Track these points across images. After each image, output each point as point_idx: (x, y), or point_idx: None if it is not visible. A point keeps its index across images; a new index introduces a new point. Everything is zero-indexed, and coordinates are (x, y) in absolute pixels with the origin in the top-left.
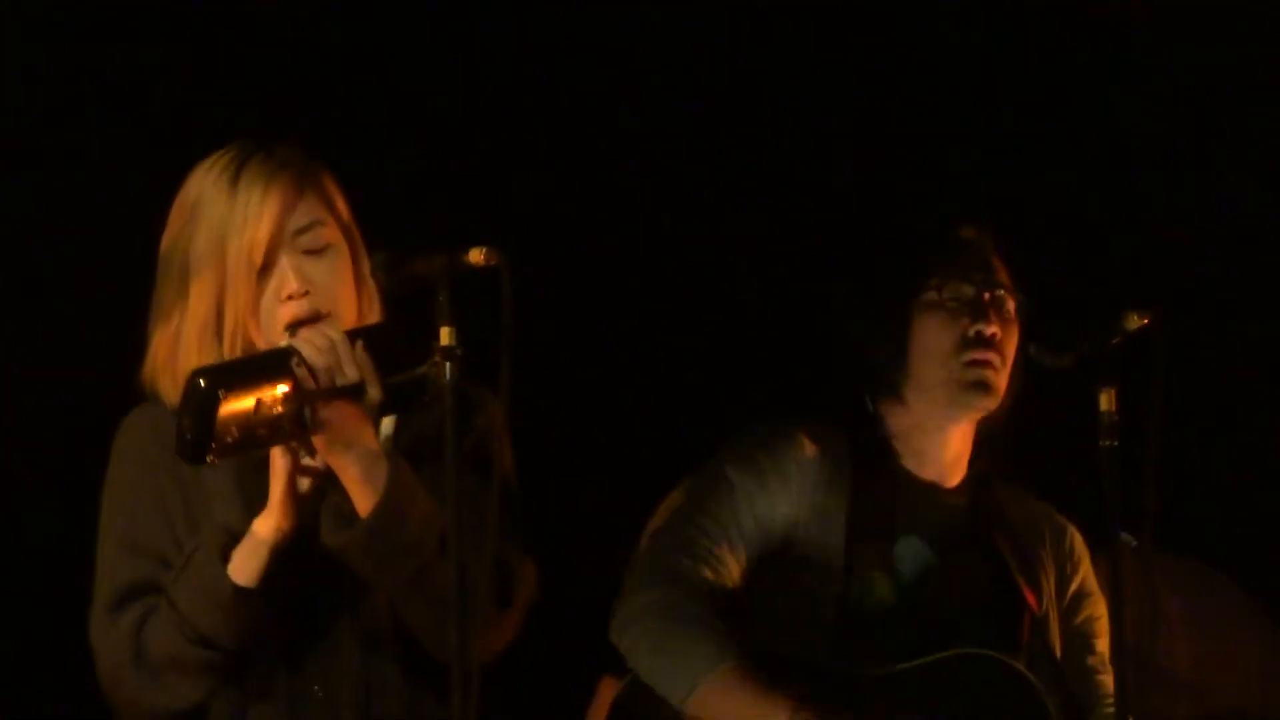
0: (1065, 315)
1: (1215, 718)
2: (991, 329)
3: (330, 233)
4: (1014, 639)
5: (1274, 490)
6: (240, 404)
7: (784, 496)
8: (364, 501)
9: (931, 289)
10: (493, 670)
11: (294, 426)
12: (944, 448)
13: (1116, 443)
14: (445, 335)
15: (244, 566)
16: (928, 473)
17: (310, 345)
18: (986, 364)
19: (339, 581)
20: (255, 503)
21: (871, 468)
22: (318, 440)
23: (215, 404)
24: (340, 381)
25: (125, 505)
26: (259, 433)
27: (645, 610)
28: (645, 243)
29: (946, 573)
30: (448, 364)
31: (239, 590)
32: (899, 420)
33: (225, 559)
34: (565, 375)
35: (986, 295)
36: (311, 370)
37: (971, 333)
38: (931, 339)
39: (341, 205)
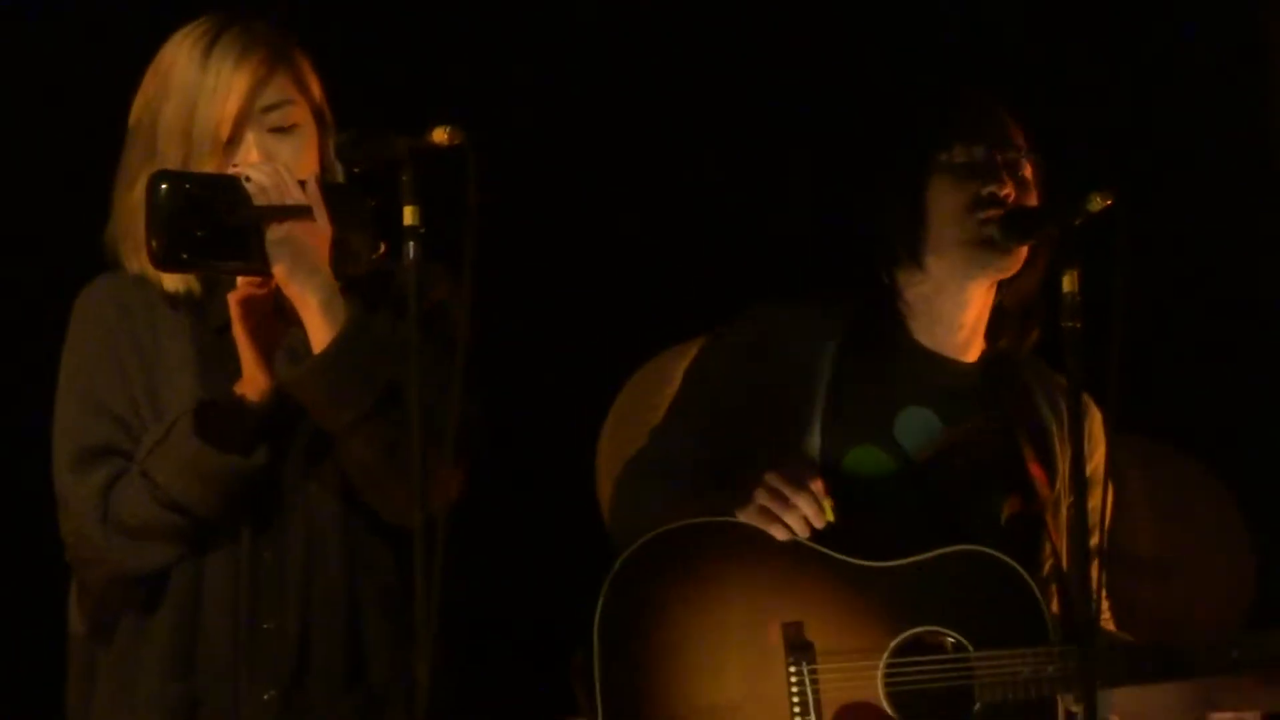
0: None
1: (1177, 597)
2: (1005, 190)
3: (299, 112)
4: (1019, 522)
5: (1239, 369)
6: (202, 207)
7: (769, 374)
8: (322, 335)
9: (943, 151)
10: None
11: (255, 242)
12: (962, 315)
13: (1080, 324)
14: (409, 214)
15: (226, 434)
16: (943, 344)
17: (257, 169)
18: (1003, 225)
19: (294, 448)
20: (215, 372)
21: (873, 340)
22: (278, 269)
23: (180, 198)
24: (289, 200)
25: (86, 367)
26: (222, 247)
27: (629, 504)
28: (626, 118)
29: (952, 448)
30: (411, 243)
31: (223, 459)
32: (917, 288)
33: (201, 431)
34: (535, 257)
35: (999, 156)
36: (261, 189)
37: (984, 193)
38: (945, 201)
39: (314, 86)
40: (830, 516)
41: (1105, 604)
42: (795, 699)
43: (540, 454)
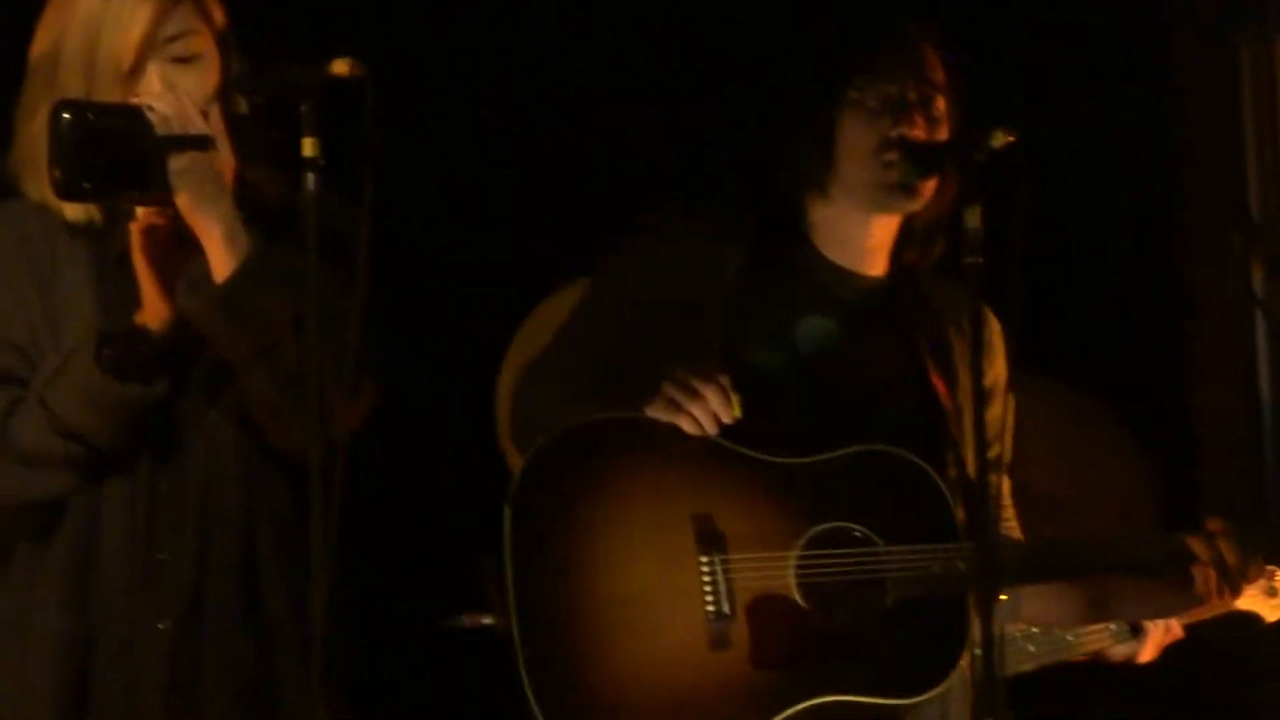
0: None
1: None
2: (915, 131)
3: (202, 42)
4: (921, 429)
5: (1134, 308)
6: (105, 136)
7: (667, 290)
8: (224, 265)
9: (855, 88)
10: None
11: (157, 171)
12: (867, 238)
13: (982, 259)
14: (308, 146)
15: (126, 364)
16: (848, 259)
17: (159, 99)
18: (908, 167)
19: (194, 379)
20: (114, 302)
21: (778, 253)
22: (181, 199)
23: (82, 128)
24: (191, 129)
25: None
26: (124, 176)
27: (525, 404)
28: (529, 44)
29: (856, 356)
30: (310, 174)
31: (122, 388)
32: (822, 211)
33: (100, 359)
34: (437, 190)
35: (912, 95)
36: (163, 119)
37: (894, 135)
38: (854, 140)
39: (218, 15)
40: (738, 412)
41: (1011, 511)
42: (707, 588)
43: (442, 387)
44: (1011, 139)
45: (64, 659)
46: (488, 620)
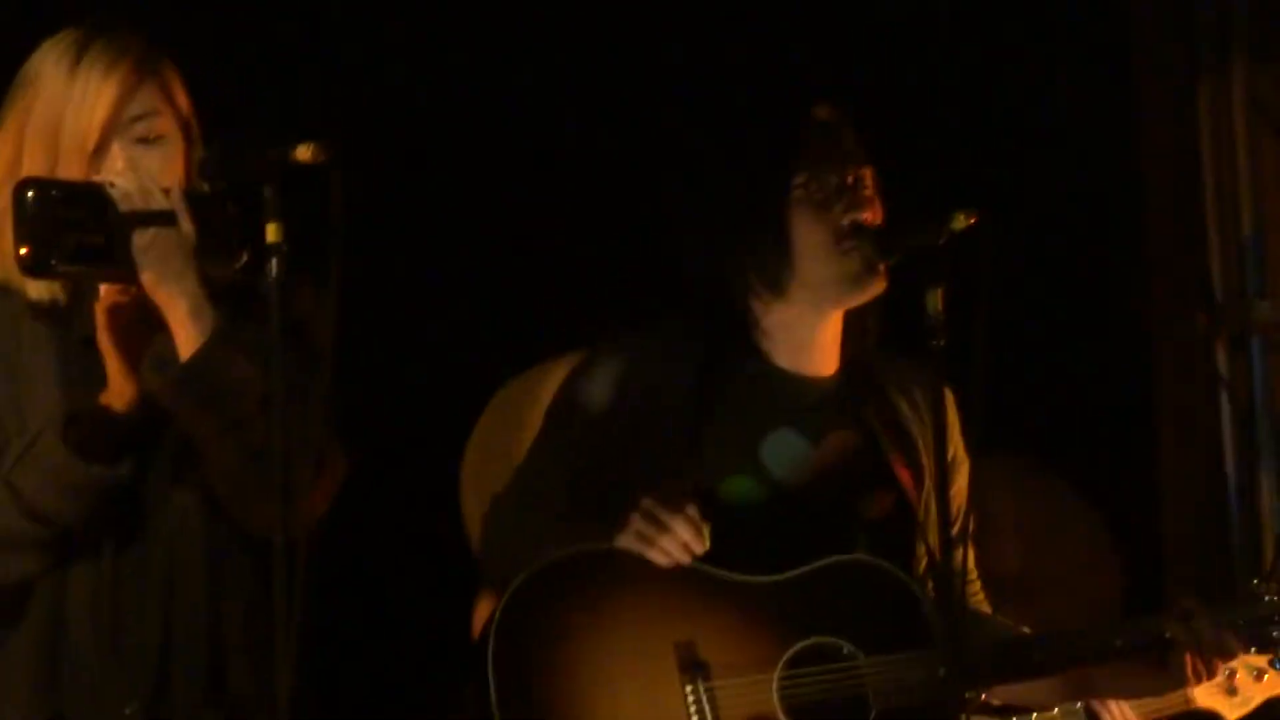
0: (892, 216)
1: (1044, 617)
2: (864, 214)
3: (165, 124)
4: (891, 527)
5: (1099, 385)
6: (69, 213)
7: (624, 421)
8: (189, 342)
9: (799, 186)
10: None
11: (121, 249)
12: (820, 336)
13: (944, 342)
14: (271, 231)
15: (92, 445)
16: (801, 365)
17: (121, 176)
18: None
19: (160, 459)
20: (80, 383)
21: (731, 366)
22: (145, 276)
23: (47, 205)
24: (153, 207)
25: None
26: (88, 254)
27: (499, 543)
28: (490, 143)
29: (821, 464)
30: (274, 259)
31: (89, 469)
32: (776, 316)
33: (66, 440)
34: (398, 275)
35: (851, 179)
36: (125, 196)
37: (845, 223)
38: (808, 235)
39: (181, 98)
40: (707, 543)
41: (978, 584)
42: (694, 717)
43: (404, 470)
44: (973, 220)
45: None
46: None
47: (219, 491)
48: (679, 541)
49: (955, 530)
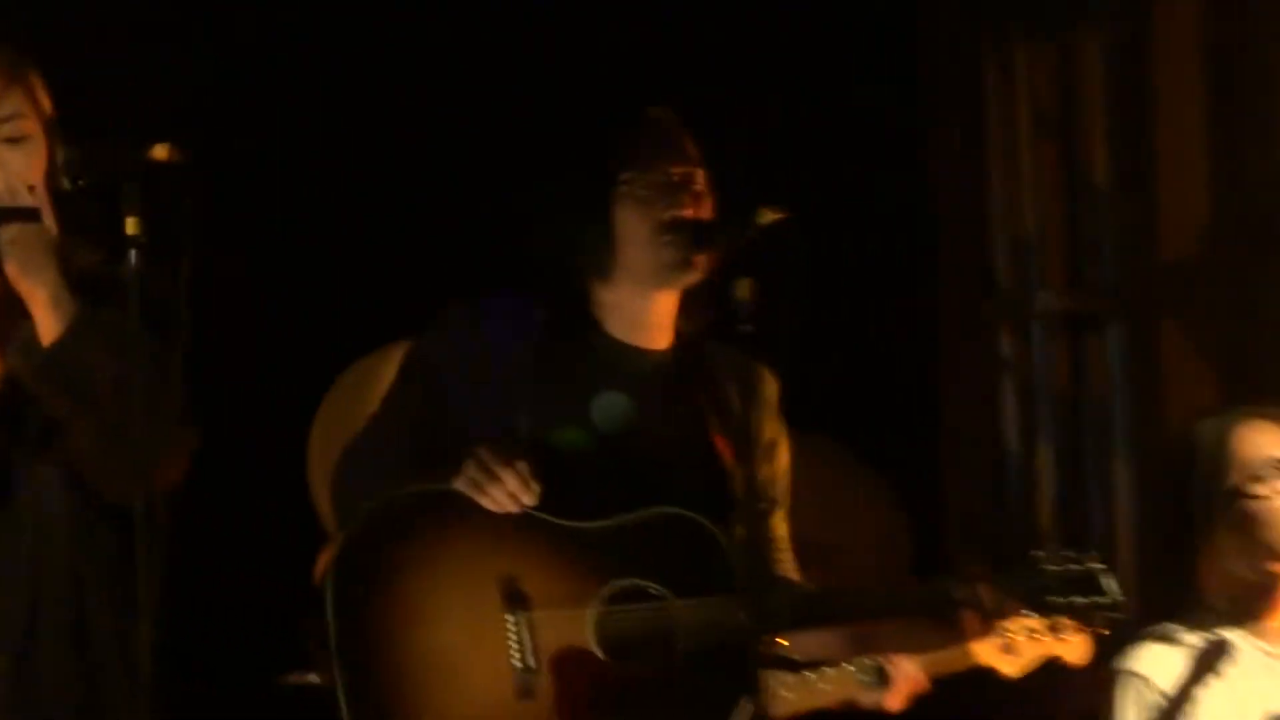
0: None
1: (841, 577)
2: (685, 211)
3: (29, 125)
4: (707, 489)
5: (892, 369)
6: None
7: (470, 377)
8: (50, 329)
9: (624, 181)
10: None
11: None
12: (650, 314)
13: (753, 328)
14: (130, 225)
15: None
16: (634, 336)
17: None
18: (686, 243)
19: (25, 435)
20: None
21: (569, 334)
22: (9, 267)
23: None
24: (18, 202)
25: None
26: None
27: (336, 474)
28: (344, 148)
29: (647, 426)
30: (132, 250)
31: None
32: (608, 294)
33: None
34: (253, 265)
35: (676, 178)
36: None
37: (666, 218)
38: (630, 226)
39: (45, 101)
40: (535, 496)
41: (790, 554)
42: (513, 644)
43: (254, 447)
44: (779, 216)
45: None
46: (313, 678)
47: (79, 465)
48: (506, 491)
49: (775, 502)
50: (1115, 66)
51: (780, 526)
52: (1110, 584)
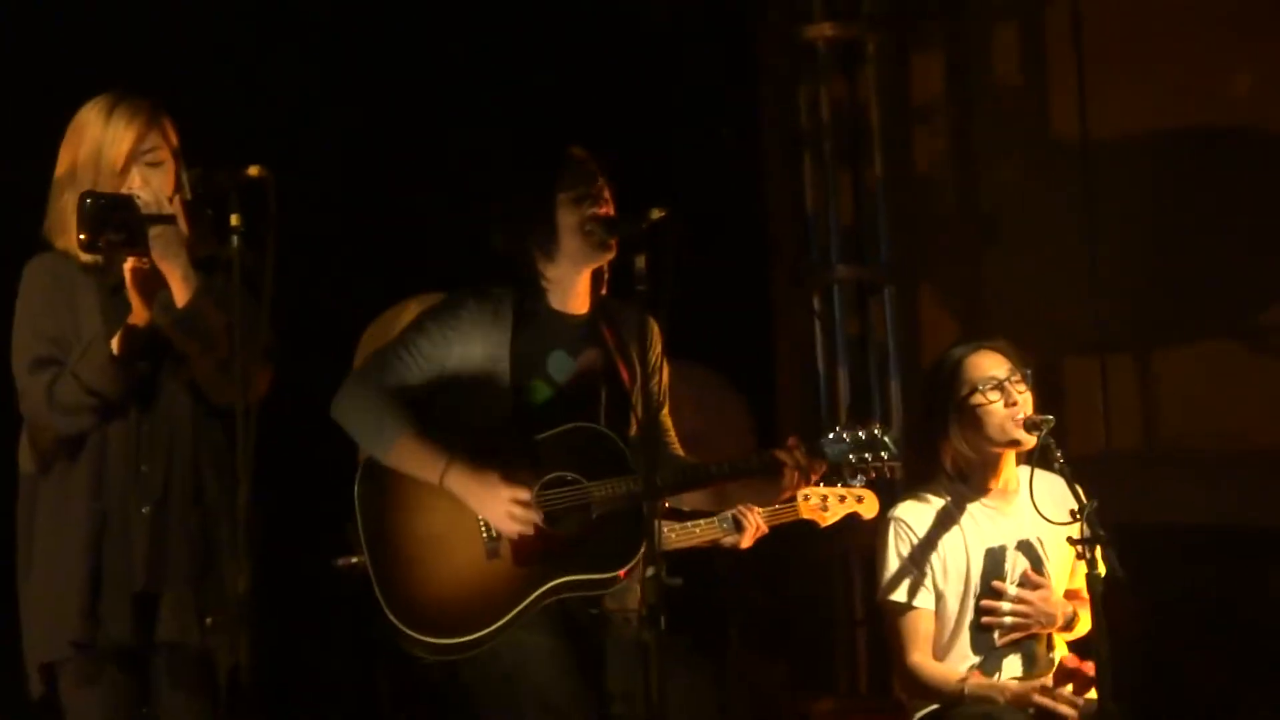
0: (617, 209)
1: (709, 457)
2: (604, 210)
3: (165, 154)
4: (615, 404)
5: (742, 318)
6: (111, 214)
7: (458, 344)
8: (182, 294)
9: (563, 191)
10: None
11: (141, 236)
12: (578, 286)
13: (644, 287)
14: (234, 219)
15: (124, 347)
16: (569, 306)
17: (144, 190)
18: (600, 232)
19: (162, 361)
20: (113, 316)
21: (529, 310)
22: (155, 253)
23: (97, 208)
24: (162, 211)
25: (33, 312)
26: (123, 239)
27: (354, 397)
28: (381, 164)
29: (579, 368)
30: (235, 238)
31: (123, 362)
32: (550, 273)
33: (107, 347)
34: (314, 252)
35: (594, 189)
36: (145, 204)
37: (589, 214)
38: (568, 222)
39: (174, 136)
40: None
41: (673, 435)
42: (482, 525)
43: (315, 370)
44: (663, 213)
45: (88, 529)
46: (355, 560)
47: (200, 383)
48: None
49: (661, 404)
50: (885, 101)
51: (667, 420)
52: (889, 441)
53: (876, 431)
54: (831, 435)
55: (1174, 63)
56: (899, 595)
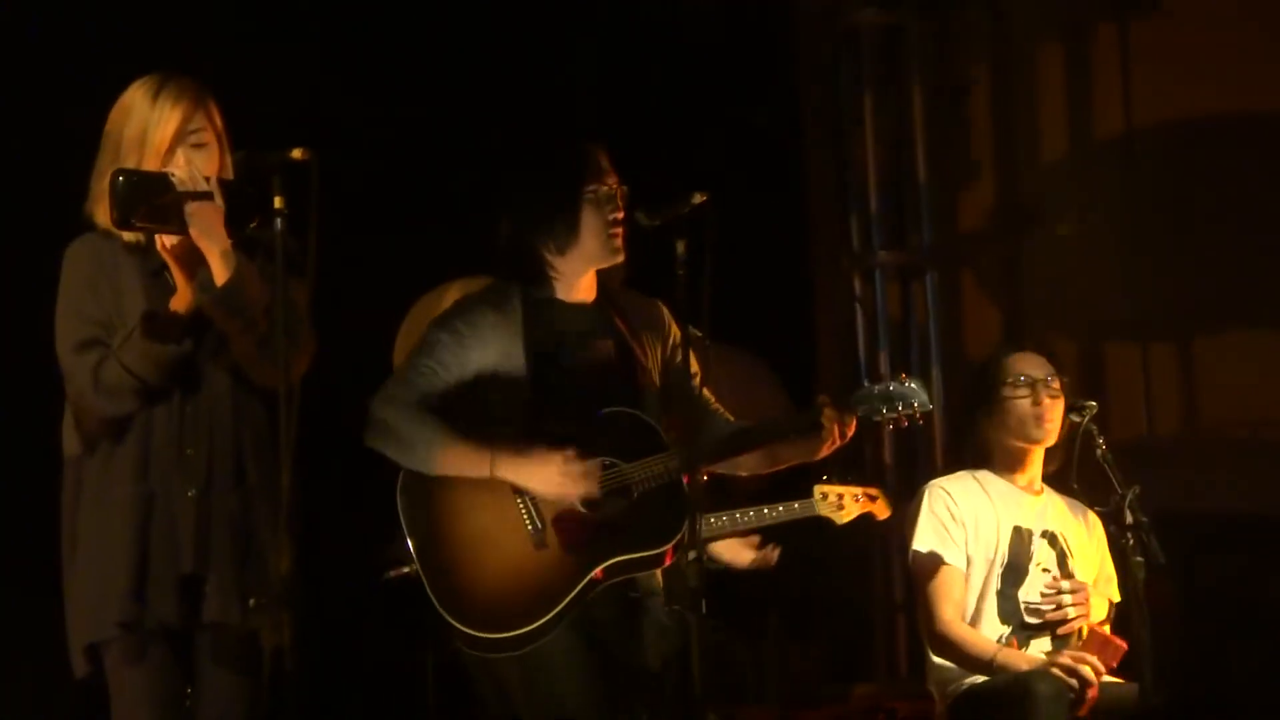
0: (658, 194)
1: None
2: (620, 214)
3: (209, 135)
4: (636, 387)
5: (786, 302)
6: (147, 192)
7: (475, 348)
8: (221, 273)
9: (588, 192)
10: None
11: (177, 213)
12: (587, 279)
13: (685, 272)
14: (278, 201)
15: (166, 332)
16: (576, 296)
17: (180, 169)
18: (620, 236)
19: (205, 342)
20: (154, 296)
21: (537, 301)
22: (193, 231)
23: (131, 186)
24: (199, 189)
25: (77, 290)
26: (157, 216)
27: (386, 422)
28: (421, 162)
29: (592, 354)
30: (278, 219)
31: (165, 347)
32: (561, 265)
33: (149, 331)
34: (355, 235)
35: (616, 193)
36: (181, 182)
37: (610, 218)
38: (591, 223)
39: (218, 118)
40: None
41: (719, 405)
42: (525, 515)
43: (357, 347)
44: (704, 197)
45: (134, 511)
46: (406, 570)
47: (241, 363)
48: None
49: (697, 375)
50: (927, 87)
51: (707, 392)
52: (917, 388)
53: (906, 382)
54: (861, 389)
55: (1216, 52)
56: (931, 549)
